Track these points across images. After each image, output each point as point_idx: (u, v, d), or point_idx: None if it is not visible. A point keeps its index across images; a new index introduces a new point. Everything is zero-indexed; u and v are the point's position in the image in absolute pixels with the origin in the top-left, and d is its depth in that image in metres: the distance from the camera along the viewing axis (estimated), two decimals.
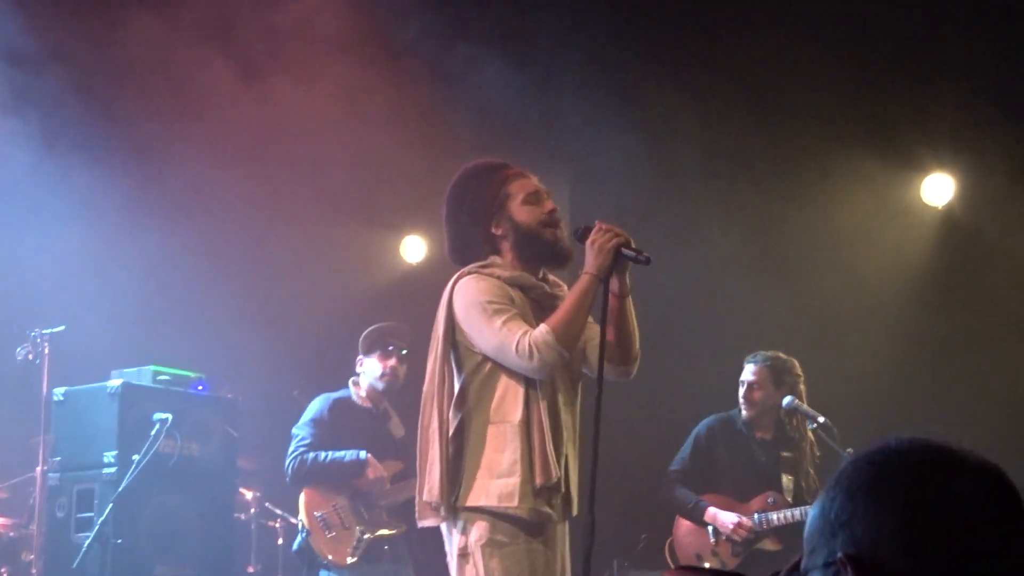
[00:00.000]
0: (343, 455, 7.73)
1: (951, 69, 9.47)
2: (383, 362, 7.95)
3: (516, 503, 4.91)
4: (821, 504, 1.68)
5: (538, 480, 4.91)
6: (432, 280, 7.36)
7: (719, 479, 7.95)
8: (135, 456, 7.59)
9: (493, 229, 5.18)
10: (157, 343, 9.52)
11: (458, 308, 5.06)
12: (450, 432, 5.01)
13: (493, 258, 5.17)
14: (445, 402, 5.03)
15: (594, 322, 5.15)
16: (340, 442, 7.79)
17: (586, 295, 4.95)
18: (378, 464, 7.73)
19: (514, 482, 4.92)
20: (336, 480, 7.74)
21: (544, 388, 5.00)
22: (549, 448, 4.92)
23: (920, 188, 10.00)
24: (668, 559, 8.05)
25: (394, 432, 8.01)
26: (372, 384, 7.98)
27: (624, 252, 4.94)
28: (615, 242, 4.92)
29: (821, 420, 7.71)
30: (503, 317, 4.95)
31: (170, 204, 10.03)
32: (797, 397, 7.82)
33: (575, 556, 5.15)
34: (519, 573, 4.94)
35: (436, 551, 5.26)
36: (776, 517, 7.70)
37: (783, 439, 7.94)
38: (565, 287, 5.18)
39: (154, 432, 7.68)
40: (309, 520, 7.70)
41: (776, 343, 8.18)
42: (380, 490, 7.75)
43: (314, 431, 7.83)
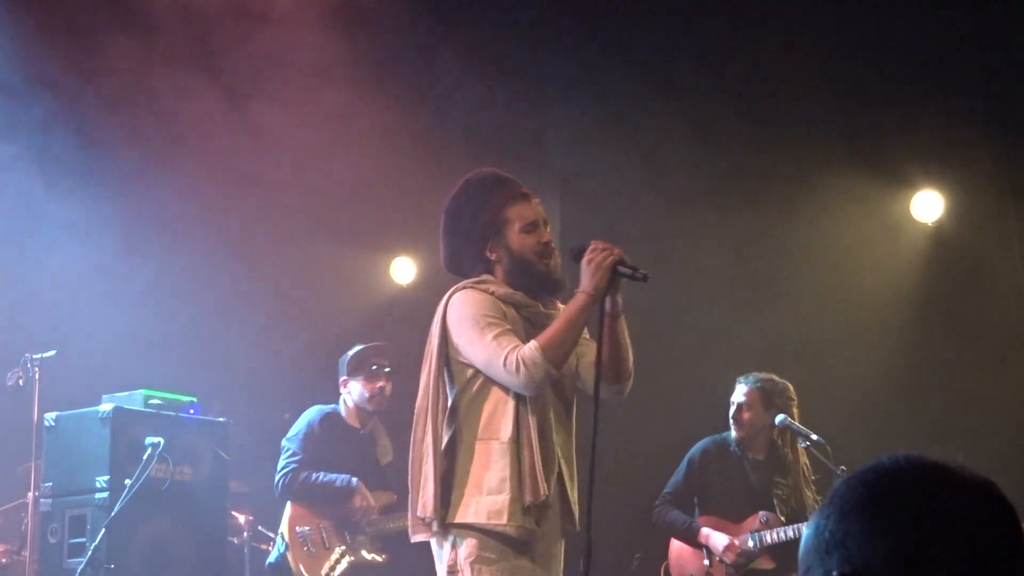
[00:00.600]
0: (335, 479, 7.71)
1: (940, 86, 9.49)
2: (370, 383, 7.94)
3: (505, 521, 4.90)
4: (816, 523, 1.68)
5: (527, 498, 4.90)
6: (422, 301, 7.36)
7: (713, 501, 7.96)
8: (127, 480, 7.56)
9: (487, 252, 5.17)
10: (148, 367, 9.50)
11: (451, 320, 5.06)
12: (442, 447, 5.00)
13: (487, 276, 5.16)
14: (439, 417, 5.03)
15: (589, 339, 5.14)
16: (327, 457, 7.77)
17: (579, 314, 4.94)
18: (368, 494, 7.71)
19: (503, 500, 4.91)
20: (324, 502, 7.73)
21: (535, 405, 4.99)
22: (539, 466, 4.91)
23: (910, 205, 10.01)
24: None
25: (380, 458, 8.00)
26: (359, 405, 7.97)
27: (620, 270, 4.92)
28: (610, 260, 4.91)
29: (814, 438, 7.70)
30: (495, 331, 4.95)
31: (160, 229, 10.03)
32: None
33: (570, 574, 5.14)
34: None
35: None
36: (769, 536, 7.70)
37: (776, 460, 7.95)
38: (560, 306, 5.17)
39: (146, 456, 7.64)
40: (290, 535, 7.69)
41: (767, 361, 8.18)
42: (367, 519, 7.73)
43: (305, 445, 7.81)
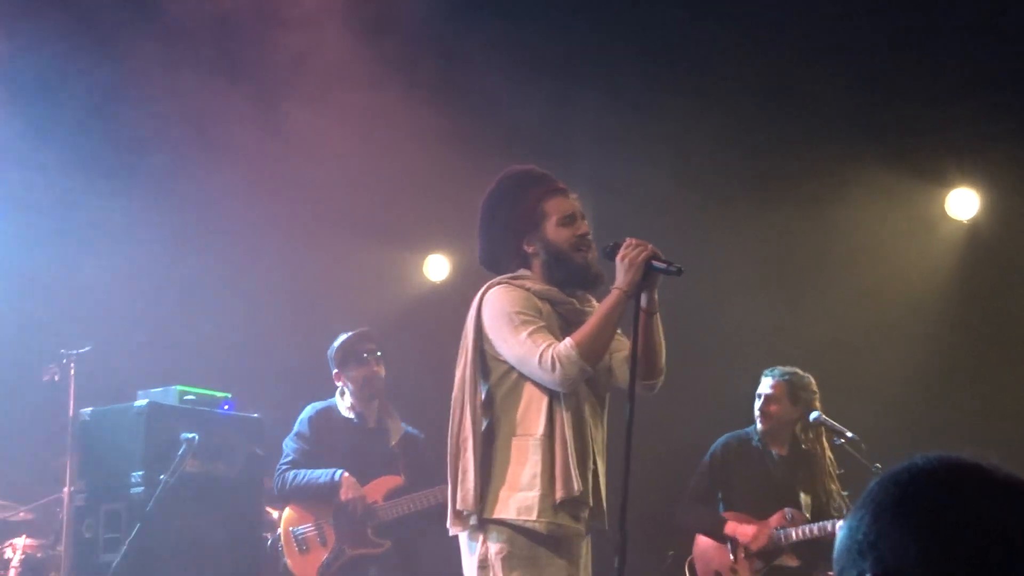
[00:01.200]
0: (318, 475, 7.68)
1: (975, 81, 9.44)
2: (361, 371, 7.89)
3: (535, 517, 4.92)
4: (849, 524, 1.68)
5: (558, 495, 4.91)
6: (455, 298, 7.37)
7: (736, 497, 7.92)
8: (162, 476, 7.59)
9: (525, 246, 5.18)
10: (183, 363, 9.55)
11: (486, 317, 5.07)
12: (479, 440, 5.01)
13: (523, 271, 5.17)
14: (479, 410, 5.03)
15: (622, 335, 5.15)
16: (323, 455, 7.76)
17: (614, 311, 4.95)
18: (353, 484, 7.63)
19: (533, 496, 4.92)
20: (314, 499, 7.70)
21: (568, 401, 5.00)
22: (572, 462, 4.92)
23: (945, 202, 9.96)
24: None
25: (391, 439, 7.94)
26: (357, 395, 7.92)
27: (654, 265, 4.93)
28: (644, 256, 4.91)
29: (849, 435, 7.68)
30: (529, 328, 4.96)
31: (196, 228, 10.07)
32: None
33: (605, 572, 5.14)
34: None
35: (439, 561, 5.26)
36: (795, 533, 7.67)
37: (799, 454, 7.92)
38: (595, 303, 5.17)
39: (180, 452, 7.67)
40: (284, 536, 7.70)
41: (798, 359, 8.16)
42: (362, 508, 7.66)
43: (297, 446, 7.82)
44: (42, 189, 9.69)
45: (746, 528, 7.73)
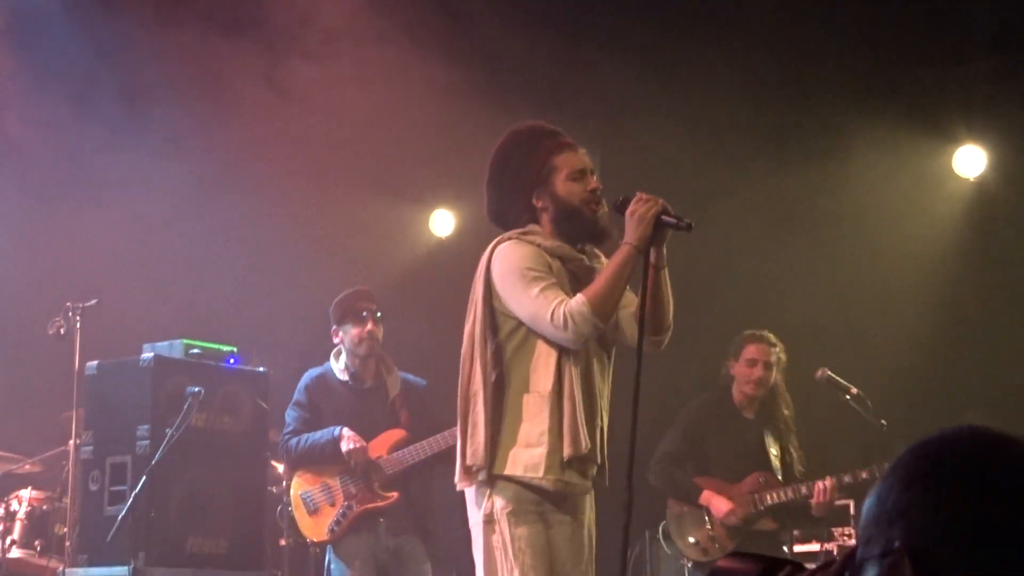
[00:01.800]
0: (319, 436, 7.67)
1: (984, 38, 9.40)
2: (359, 328, 7.86)
3: (541, 474, 4.92)
4: (877, 493, 1.67)
5: (566, 452, 4.91)
6: (461, 254, 7.38)
7: (710, 461, 7.87)
8: (168, 429, 7.60)
9: (534, 200, 5.15)
10: (188, 317, 9.55)
11: (496, 273, 5.05)
12: (489, 395, 5.01)
13: (532, 226, 5.15)
14: (488, 365, 5.03)
15: (630, 291, 5.14)
16: (323, 420, 7.76)
17: (625, 266, 4.94)
18: (353, 436, 7.62)
19: (540, 453, 4.92)
20: (322, 461, 7.71)
21: (577, 358, 4.99)
22: (580, 419, 4.92)
23: (952, 160, 9.93)
24: (663, 543, 8.01)
25: (390, 393, 7.93)
26: (352, 352, 7.91)
27: (664, 220, 4.91)
28: (654, 211, 4.90)
29: (854, 391, 7.70)
30: (540, 285, 4.94)
31: (202, 183, 10.05)
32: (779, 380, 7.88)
33: (608, 528, 5.16)
34: (543, 543, 4.95)
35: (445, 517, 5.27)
36: (769, 497, 7.68)
37: (764, 416, 7.92)
38: (604, 259, 5.16)
39: (186, 406, 7.69)
40: (294, 502, 7.72)
41: (805, 318, 8.16)
42: (364, 461, 7.67)
43: (296, 414, 7.80)
44: (49, 143, 9.68)
45: (720, 502, 7.69)
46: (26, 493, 8.93)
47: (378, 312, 7.89)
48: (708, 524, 7.73)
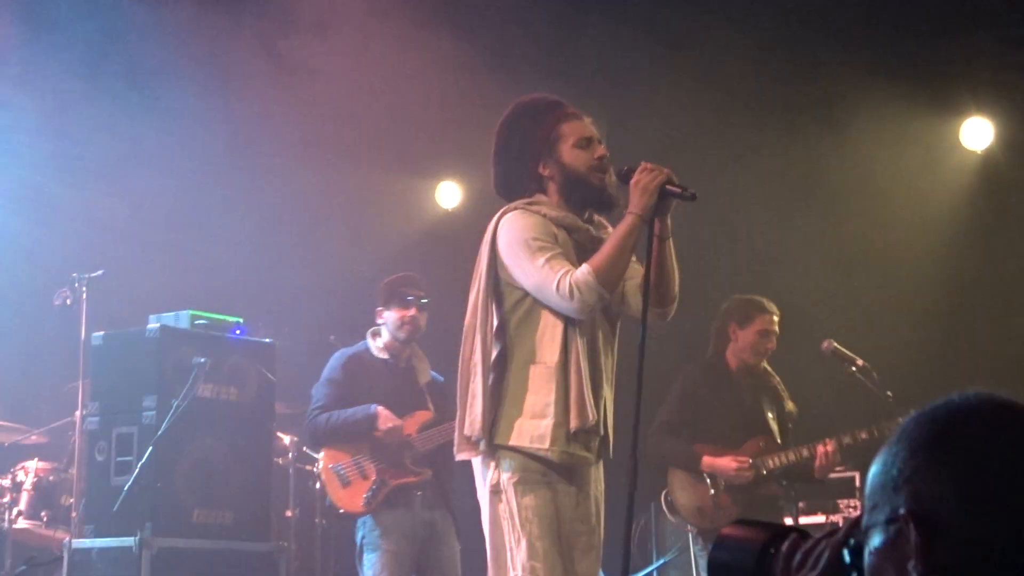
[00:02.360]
0: (353, 412, 7.70)
1: (991, 9, 9.37)
2: (402, 312, 7.89)
3: (547, 445, 4.93)
4: (883, 460, 1.66)
5: (573, 424, 4.92)
6: (467, 226, 7.37)
7: (707, 428, 7.80)
8: (174, 400, 7.61)
9: (541, 169, 5.14)
10: (194, 288, 9.56)
11: (501, 243, 5.05)
12: (490, 366, 5.01)
13: (539, 196, 5.14)
14: (488, 336, 5.03)
15: (635, 262, 5.13)
16: (358, 397, 7.78)
17: (629, 235, 4.93)
18: (389, 415, 7.67)
19: (547, 424, 4.93)
20: (352, 438, 7.73)
21: (583, 329, 4.99)
22: (587, 391, 4.93)
23: (959, 132, 9.91)
24: (666, 511, 7.99)
25: (420, 379, 7.99)
26: (393, 335, 7.94)
27: (668, 189, 4.90)
28: (659, 180, 4.89)
29: (860, 363, 7.68)
30: (546, 255, 4.94)
31: (209, 152, 10.05)
32: None
33: (613, 499, 5.17)
34: (550, 513, 4.96)
35: (468, 491, 5.28)
36: (771, 461, 7.65)
37: (760, 381, 7.90)
38: (611, 229, 5.15)
39: (192, 376, 7.69)
40: (325, 475, 7.73)
41: (809, 288, 8.13)
42: (399, 439, 7.71)
43: (328, 391, 7.82)
44: (57, 116, 9.67)
45: (724, 461, 7.66)
46: (32, 464, 8.95)
47: (424, 299, 7.92)
48: (712, 490, 7.70)
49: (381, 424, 7.67)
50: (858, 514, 1.71)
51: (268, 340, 8.41)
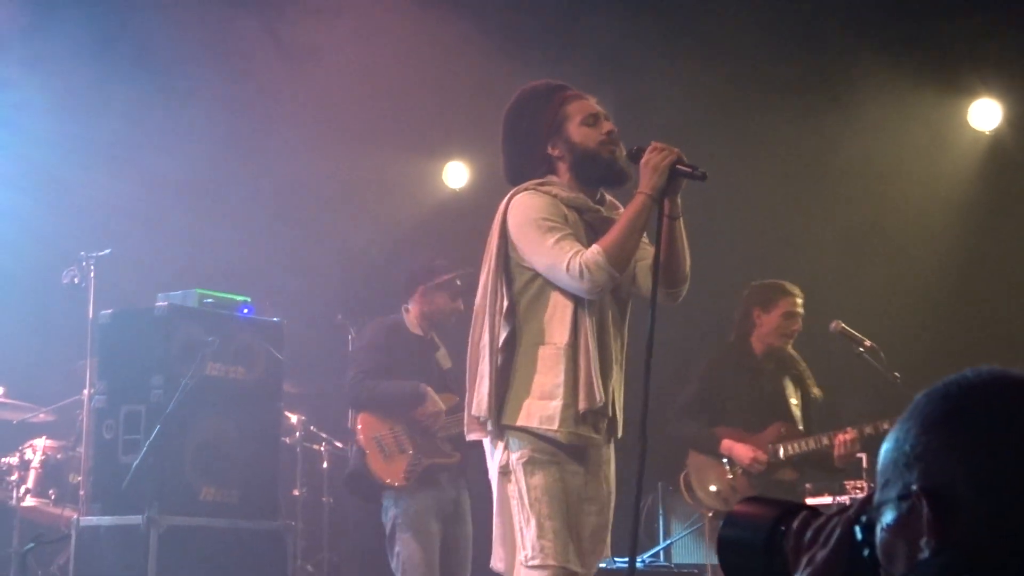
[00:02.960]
0: (403, 386, 7.69)
1: None
2: (455, 304, 7.87)
3: (556, 427, 4.92)
4: (895, 436, 1.66)
5: (581, 405, 4.91)
6: (474, 206, 7.36)
7: (728, 411, 7.81)
8: (181, 379, 7.62)
9: (550, 150, 5.13)
10: (202, 267, 9.57)
11: (512, 224, 5.04)
12: (499, 347, 5.01)
13: (550, 177, 5.14)
14: (497, 317, 5.02)
15: (648, 243, 5.12)
16: (394, 367, 7.76)
17: (639, 216, 4.92)
18: (436, 399, 7.68)
19: (555, 406, 4.92)
20: (392, 410, 7.72)
21: (592, 309, 4.98)
22: (595, 373, 4.92)
23: (967, 113, 9.88)
24: (684, 494, 7.99)
25: (442, 363, 7.99)
26: (434, 319, 7.91)
27: (678, 169, 4.88)
28: (669, 160, 4.87)
29: (868, 344, 7.67)
30: (556, 235, 4.93)
31: (217, 132, 10.04)
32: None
33: (621, 479, 5.17)
34: (559, 493, 4.96)
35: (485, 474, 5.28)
36: (790, 447, 7.65)
37: (781, 366, 7.89)
38: (622, 209, 5.14)
39: (200, 355, 7.70)
40: (366, 442, 7.67)
41: (815, 271, 8.11)
42: (441, 422, 7.71)
43: (373, 356, 7.77)
44: (65, 97, 9.68)
45: (741, 450, 7.65)
46: (40, 442, 8.97)
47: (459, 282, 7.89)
48: (729, 474, 7.71)
49: (429, 406, 7.67)
50: (870, 491, 1.71)
51: (276, 319, 8.41)
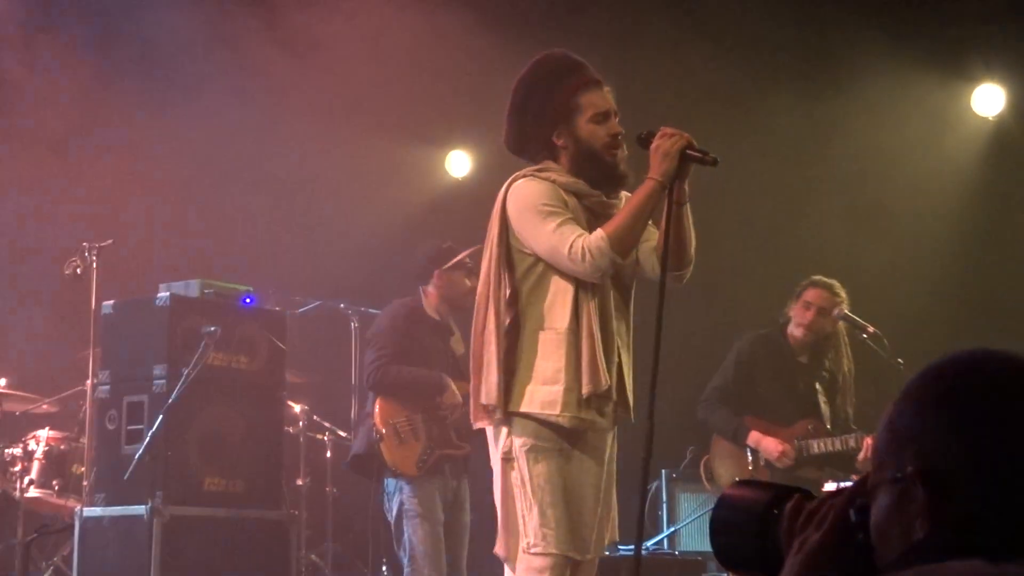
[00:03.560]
0: (426, 375, 7.67)
1: None
2: (468, 280, 7.83)
3: (558, 411, 4.90)
4: (889, 417, 1.66)
5: (585, 388, 4.89)
6: (477, 195, 7.33)
7: (758, 401, 7.78)
8: (184, 369, 7.61)
9: (555, 138, 5.10)
10: (205, 257, 9.56)
11: (511, 210, 5.02)
12: (504, 335, 5.00)
13: (549, 163, 5.11)
14: (500, 304, 5.01)
15: (652, 225, 5.10)
16: (412, 350, 7.74)
17: (648, 201, 4.89)
18: (455, 390, 7.67)
19: (557, 390, 4.91)
20: (411, 397, 7.70)
21: (594, 293, 4.96)
22: (599, 356, 4.90)
23: (970, 99, 9.87)
24: (704, 478, 7.99)
25: (455, 348, 7.97)
26: (450, 298, 7.86)
27: (689, 154, 4.84)
28: (680, 145, 4.83)
29: (871, 331, 7.66)
30: (557, 220, 4.91)
31: (219, 121, 10.03)
32: (840, 331, 7.78)
33: (629, 463, 5.15)
34: (562, 480, 4.94)
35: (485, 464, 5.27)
36: (816, 445, 7.61)
37: (819, 365, 7.86)
38: (624, 195, 5.12)
39: (202, 345, 7.69)
40: (383, 427, 7.66)
41: (821, 257, 8.10)
42: (460, 413, 7.70)
43: (394, 340, 7.73)
44: (68, 87, 9.67)
45: (770, 443, 7.62)
46: (43, 433, 8.96)
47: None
48: (751, 466, 7.69)
49: (448, 398, 7.65)
50: (865, 475, 1.70)
51: (278, 309, 8.40)
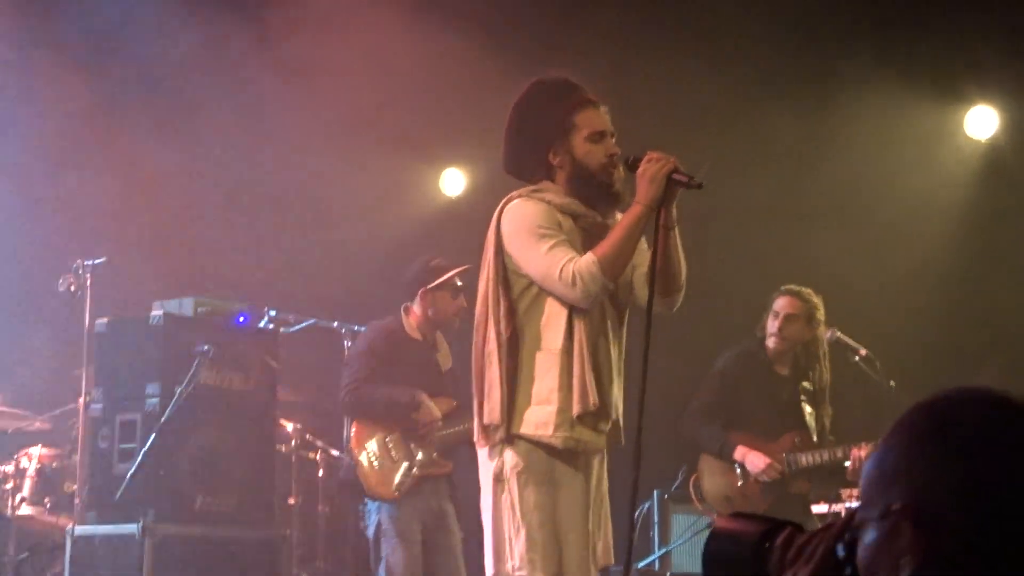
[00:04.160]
0: (398, 393, 7.66)
1: None
2: (449, 301, 7.83)
3: (551, 432, 4.92)
4: (877, 455, 1.66)
5: (575, 409, 4.91)
6: (471, 213, 7.35)
7: (744, 417, 7.77)
8: (177, 387, 7.61)
9: (551, 157, 5.12)
10: (198, 275, 9.56)
11: (506, 231, 5.04)
12: (505, 355, 5.00)
13: (545, 183, 5.13)
14: (502, 324, 5.01)
15: (645, 248, 5.11)
16: (391, 373, 7.73)
17: (635, 225, 4.92)
18: (432, 407, 7.64)
19: (550, 411, 4.92)
20: (387, 417, 7.69)
21: (588, 315, 4.98)
22: (588, 376, 4.91)
23: (964, 120, 9.88)
24: (693, 496, 7.97)
25: (441, 363, 7.96)
26: (433, 318, 7.86)
27: (675, 178, 4.87)
28: (666, 170, 4.86)
29: (863, 352, 7.67)
30: (550, 243, 4.93)
31: (213, 139, 10.05)
32: (819, 339, 7.77)
33: (618, 485, 5.16)
34: (552, 502, 4.96)
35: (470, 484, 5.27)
36: (804, 459, 7.61)
37: (800, 376, 7.85)
38: (618, 215, 5.14)
39: (196, 363, 7.69)
40: (358, 453, 7.66)
41: (811, 277, 8.10)
42: (435, 432, 7.69)
43: (369, 363, 7.74)
44: (59, 103, 9.68)
45: (756, 458, 7.60)
46: (36, 450, 8.95)
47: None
48: (740, 481, 7.68)
49: (424, 415, 7.63)
50: (853, 510, 1.71)
51: (271, 327, 8.40)
